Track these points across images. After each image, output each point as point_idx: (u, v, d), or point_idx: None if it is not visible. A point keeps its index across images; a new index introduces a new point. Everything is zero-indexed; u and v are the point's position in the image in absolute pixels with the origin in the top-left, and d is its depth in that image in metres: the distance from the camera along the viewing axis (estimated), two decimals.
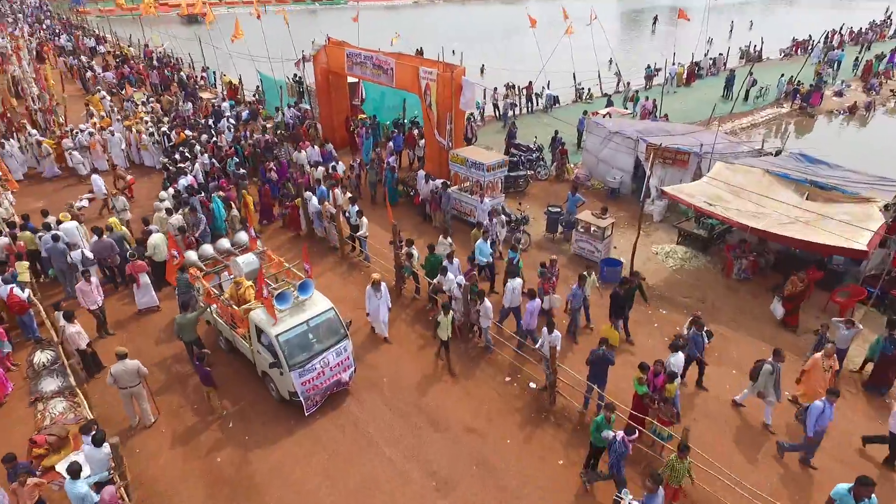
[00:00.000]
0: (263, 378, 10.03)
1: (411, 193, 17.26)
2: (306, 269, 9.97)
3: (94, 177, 17.21)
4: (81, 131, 20.18)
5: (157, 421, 9.72)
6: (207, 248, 11.37)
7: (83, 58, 35.82)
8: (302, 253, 10.08)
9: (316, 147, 19.14)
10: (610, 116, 21.57)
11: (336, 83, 21.59)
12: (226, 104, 24.55)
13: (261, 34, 25.84)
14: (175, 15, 58.70)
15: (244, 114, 23.72)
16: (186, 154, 17.83)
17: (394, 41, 22.66)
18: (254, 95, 28.06)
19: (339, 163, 18.06)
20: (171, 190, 15.38)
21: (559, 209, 15.36)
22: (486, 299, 10.62)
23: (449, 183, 15.87)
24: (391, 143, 19.90)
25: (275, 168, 17.66)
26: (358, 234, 14.01)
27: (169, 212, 13.82)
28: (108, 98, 25.93)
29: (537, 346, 9.84)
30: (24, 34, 43.38)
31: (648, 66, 31.37)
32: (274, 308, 9.20)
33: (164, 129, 20.55)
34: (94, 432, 7.78)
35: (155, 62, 34.95)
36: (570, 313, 11.48)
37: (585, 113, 21.93)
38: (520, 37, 47.24)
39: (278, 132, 21.58)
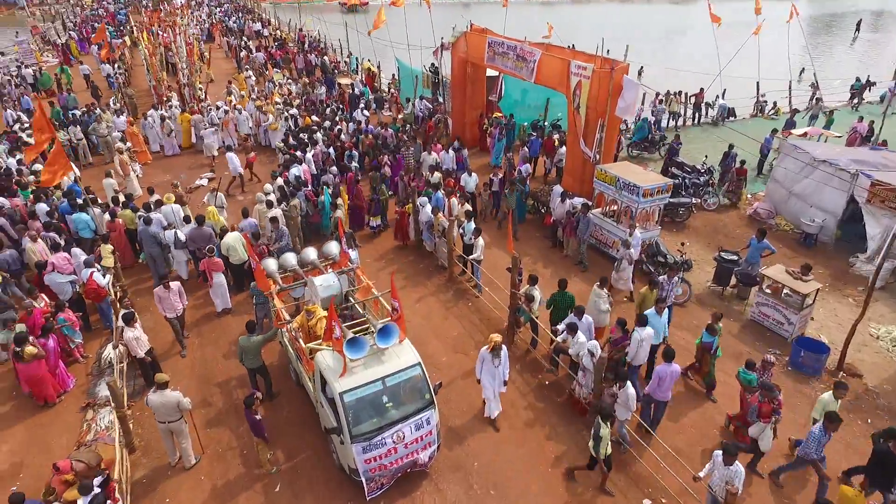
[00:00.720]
0: (326, 434, 7.96)
1: (542, 211, 14.44)
2: (395, 307, 7.70)
3: (230, 155, 16.46)
4: (217, 108, 19.99)
5: (198, 463, 8.06)
6: (290, 258, 9.59)
7: (244, 38, 37.38)
8: (391, 283, 7.83)
9: (451, 151, 16.63)
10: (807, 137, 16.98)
11: (474, 76, 19.30)
12: (356, 90, 23.41)
13: (404, 22, 24.39)
14: (337, 4, 60.60)
15: (372, 102, 22.35)
16: (305, 140, 16.58)
17: (549, 32, 19.92)
18: (388, 84, 26.81)
19: (473, 175, 15.10)
20: (279, 180, 14.06)
21: (736, 257, 11.67)
22: (629, 384, 7.60)
23: (591, 204, 12.84)
24: (525, 148, 17.21)
25: (389, 163, 15.84)
26: (472, 256, 11.54)
27: (269, 205, 12.40)
28: (254, 78, 26.10)
29: (702, 473, 6.66)
30: (200, 16, 46.84)
31: (857, 80, 25.27)
32: (344, 355, 7.04)
33: (292, 111, 19.69)
34: (92, 494, 6.13)
35: (305, 46, 35.41)
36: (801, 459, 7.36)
37: (775, 131, 17.49)
38: (688, 39, 41.93)
39: (406, 126, 19.82)
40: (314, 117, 19.23)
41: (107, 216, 12.56)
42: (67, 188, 14.67)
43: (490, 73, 19.49)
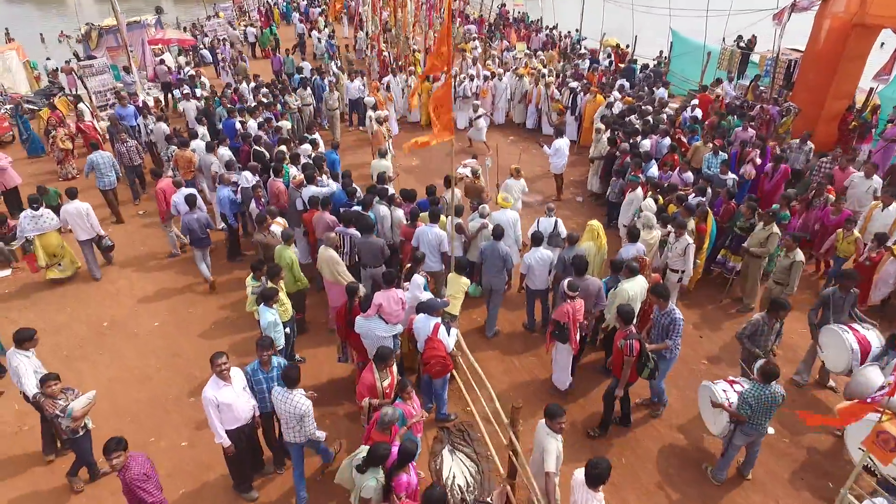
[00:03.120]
0: None
1: None
2: None
3: (561, 143, 11.50)
4: (471, 79, 15.55)
5: None
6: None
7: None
8: None
9: None
10: None
11: (857, 48, 13.09)
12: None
13: None
14: None
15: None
16: (636, 126, 11.41)
17: None
18: (653, 61, 20.97)
19: None
20: (638, 190, 8.99)
21: None
22: None
23: None
24: None
25: (755, 161, 10.30)
26: None
27: (684, 224, 7.30)
28: (479, 48, 21.75)
29: None
30: None
31: None
32: None
33: (574, 84, 14.70)
34: None
35: (503, 23, 30.96)
36: None
37: None
38: None
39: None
40: (615, 93, 13.97)
41: (399, 215, 8.22)
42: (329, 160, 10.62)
43: None
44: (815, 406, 6.84)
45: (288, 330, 6.62)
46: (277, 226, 8.11)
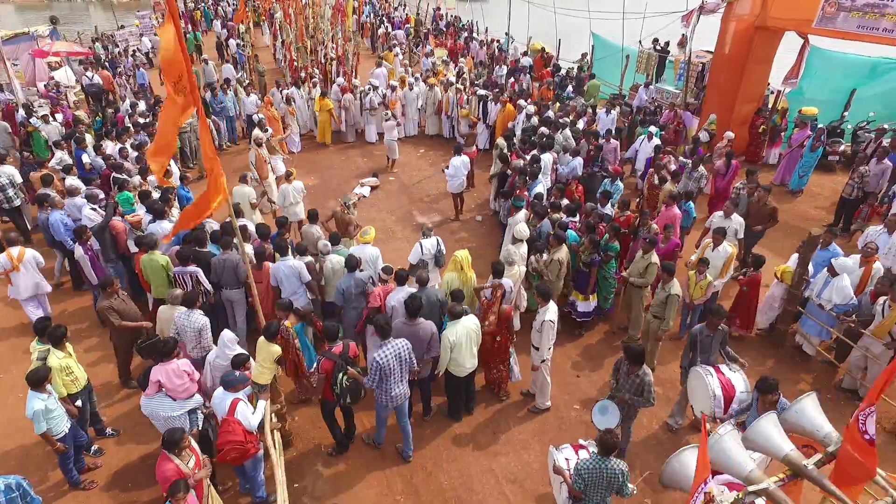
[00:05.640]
0: None
1: None
2: None
3: (458, 161, 10.64)
4: (374, 88, 14.63)
5: None
6: None
7: (383, 16, 32.65)
8: None
9: None
10: None
11: (761, 52, 12.81)
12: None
13: None
14: None
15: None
16: (543, 138, 10.65)
17: None
18: (574, 66, 20.51)
19: None
20: (521, 213, 8.27)
21: None
22: None
23: None
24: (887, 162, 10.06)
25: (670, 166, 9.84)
26: None
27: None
28: (401, 55, 20.91)
29: None
30: None
31: None
32: None
33: (482, 92, 14.00)
34: None
35: (441, 27, 30.20)
36: None
37: None
38: None
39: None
40: (523, 102, 13.18)
41: (249, 252, 7.28)
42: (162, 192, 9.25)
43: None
44: None
45: (80, 403, 5.63)
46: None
